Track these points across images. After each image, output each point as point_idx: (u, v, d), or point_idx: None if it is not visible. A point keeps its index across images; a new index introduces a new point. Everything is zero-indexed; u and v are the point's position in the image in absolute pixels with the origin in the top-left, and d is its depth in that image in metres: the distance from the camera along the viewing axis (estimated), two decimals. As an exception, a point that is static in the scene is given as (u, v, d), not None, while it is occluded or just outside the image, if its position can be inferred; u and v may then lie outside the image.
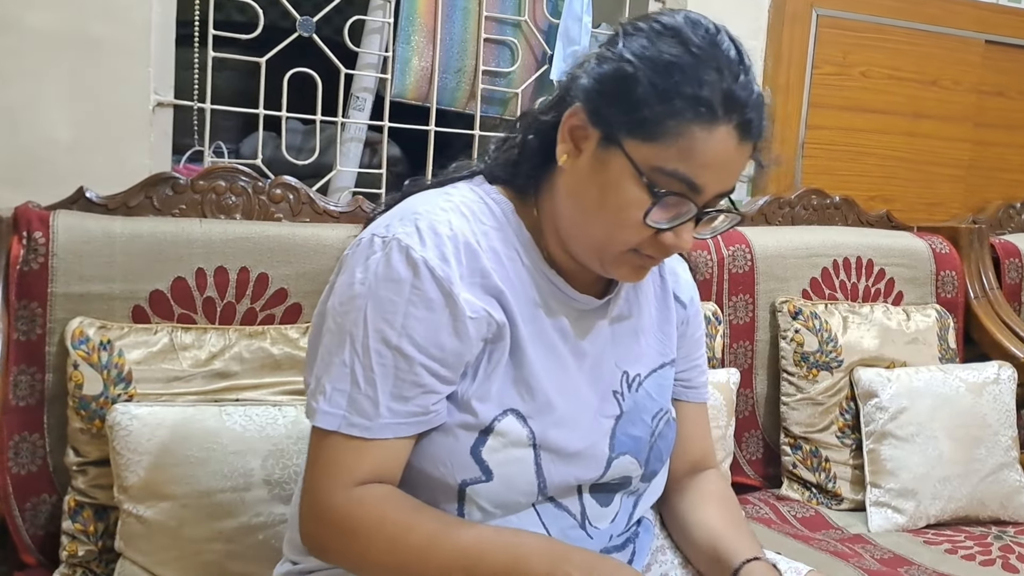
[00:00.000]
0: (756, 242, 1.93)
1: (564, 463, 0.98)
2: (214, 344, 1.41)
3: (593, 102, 0.92)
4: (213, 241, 1.46)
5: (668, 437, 1.09)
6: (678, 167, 0.88)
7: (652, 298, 1.12)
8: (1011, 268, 2.24)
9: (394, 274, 0.90)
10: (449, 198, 0.97)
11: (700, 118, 0.87)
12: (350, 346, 0.90)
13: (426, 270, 0.90)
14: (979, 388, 1.85)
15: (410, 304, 0.90)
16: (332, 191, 1.95)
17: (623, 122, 0.89)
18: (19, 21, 1.55)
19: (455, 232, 0.93)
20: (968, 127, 2.47)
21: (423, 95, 1.97)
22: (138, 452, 1.27)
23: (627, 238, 0.92)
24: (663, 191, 0.89)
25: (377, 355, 0.90)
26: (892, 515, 1.76)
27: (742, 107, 0.88)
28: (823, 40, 2.25)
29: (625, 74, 0.89)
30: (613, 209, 0.91)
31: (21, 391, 1.37)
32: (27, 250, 1.36)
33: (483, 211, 0.98)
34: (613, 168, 0.90)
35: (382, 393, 0.90)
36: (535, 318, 0.98)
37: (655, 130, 0.88)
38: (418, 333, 0.90)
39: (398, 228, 0.92)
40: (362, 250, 0.93)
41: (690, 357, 1.18)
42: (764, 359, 1.93)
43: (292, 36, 1.82)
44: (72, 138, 1.61)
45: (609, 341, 1.05)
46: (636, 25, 0.93)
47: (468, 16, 1.98)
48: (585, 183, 0.93)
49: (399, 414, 0.91)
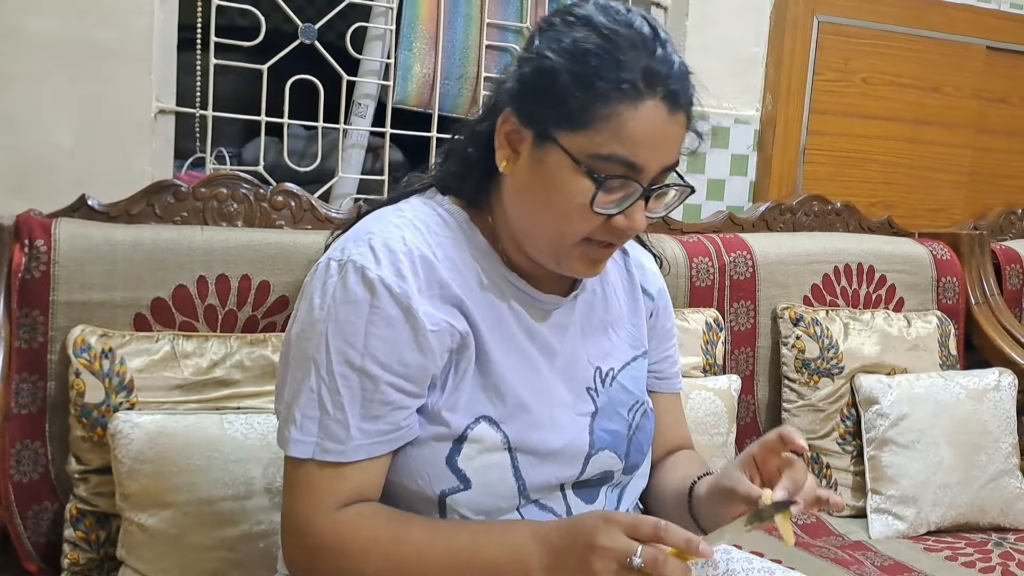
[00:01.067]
0: (757, 249, 1.93)
1: (542, 463, 0.98)
2: (215, 352, 1.41)
3: (521, 103, 0.93)
4: (215, 249, 1.46)
5: (646, 429, 1.10)
6: (613, 150, 0.89)
7: (621, 292, 1.13)
8: (1012, 274, 2.24)
9: (351, 296, 0.91)
10: (402, 214, 0.98)
11: (624, 97, 0.88)
12: (315, 372, 0.91)
13: (383, 288, 0.90)
14: (980, 395, 1.85)
15: (370, 324, 0.90)
16: (334, 197, 1.96)
17: (552, 116, 0.90)
18: (21, 28, 1.55)
19: (409, 247, 0.94)
20: (970, 133, 2.48)
21: (425, 101, 1.97)
22: (140, 460, 1.27)
23: (577, 229, 0.93)
24: (603, 176, 0.89)
25: (342, 378, 0.90)
26: (893, 522, 1.76)
27: (664, 79, 0.89)
28: (824, 46, 2.25)
29: (545, 69, 0.91)
30: (558, 203, 0.92)
31: (23, 399, 1.37)
32: (29, 258, 1.36)
33: (437, 223, 0.99)
34: (551, 163, 0.91)
35: (351, 416, 0.91)
36: (500, 323, 0.99)
37: (583, 117, 0.89)
38: (381, 352, 0.91)
39: (353, 250, 0.93)
40: (319, 275, 0.94)
41: (661, 349, 1.19)
42: (765, 365, 1.93)
43: (294, 43, 1.82)
44: (74, 145, 1.61)
45: (579, 338, 1.06)
46: (549, 21, 0.95)
47: (470, 23, 1.98)
48: (528, 183, 0.94)
49: (370, 434, 0.91)
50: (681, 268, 1.83)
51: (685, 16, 2.11)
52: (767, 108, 2.24)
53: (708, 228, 1.99)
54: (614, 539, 0.83)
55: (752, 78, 2.22)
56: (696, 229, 1.98)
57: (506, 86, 0.97)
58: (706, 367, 1.78)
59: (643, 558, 0.81)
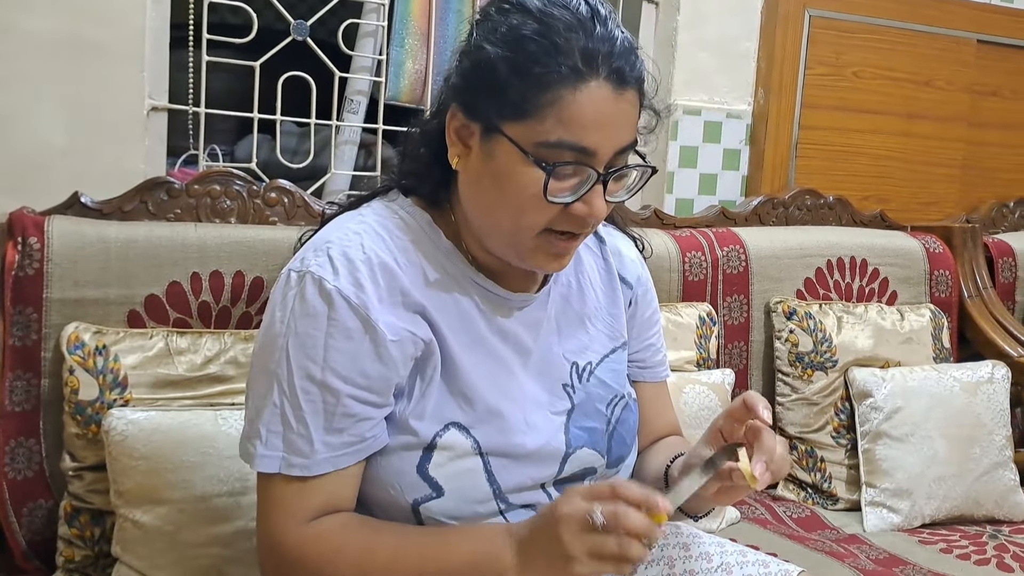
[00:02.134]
0: (750, 243, 1.93)
1: (516, 465, 0.97)
2: (209, 348, 1.41)
3: (465, 98, 0.92)
4: (208, 245, 1.46)
5: (628, 421, 1.08)
6: (561, 136, 0.86)
7: (598, 282, 1.11)
8: (1005, 267, 2.25)
9: (310, 308, 0.90)
10: (362, 219, 0.97)
11: (564, 81, 0.85)
12: (277, 387, 0.91)
13: (341, 300, 0.90)
14: (973, 388, 1.85)
15: (329, 336, 0.90)
16: (327, 194, 1.96)
17: (495, 108, 0.88)
18: (14, 26, 1.55)
19: (368, 255, 0.92)
20: (962, 127, 2.48)
21: (417, 97, 1.97)
22: (134, 457, 1.27)
23: (534, 220, 0.91)
24: (553, 164, 0.87)
25: (304, 392, 0.90)
26: (887, 515, 1.76)
27: (607, 57, 0.86)
28: (816, 40, 2.26)
29: (483, 61, 0.89)
30: (512, 195, 0.90)
31: (17, 396, 1.37)
32: (22, 255, 1.36)
33: (398, 226, 0.97)
34: (500, 156, 0.89)
35: (315, 430, 0.90)
36: (467, 326, 0.97)
37: (526, 106, 0.86)
38: (340, 364, 0.90)
39: (312, 260, 0.92)
40: (280, 288, 0.94)
41: (642, 337, 1.16)
42: (759, 360, 1.94)
43: (287, 40, 1.82)
44: (67, 143, 1.61)
45: (555, 333, 1.04)
46: (484, 12, 0.94)
47: (462, 19, 1.97)
48: (480, 178, 0.92)
49: (335, 447, 0.91)
50: (674, 262, 1.83)
51: (677, 11, 2.11)
52: (759, 103, 2.24)
53: (701, 222, 1.99)
54: (574, 505, 0.83)
55: (744, 73, 2.22)
56: (689, 223, 1.98)
57: (451, 82, 0.95)
58: (700, 361, 1.78)
59: (603, 514, 0.81)
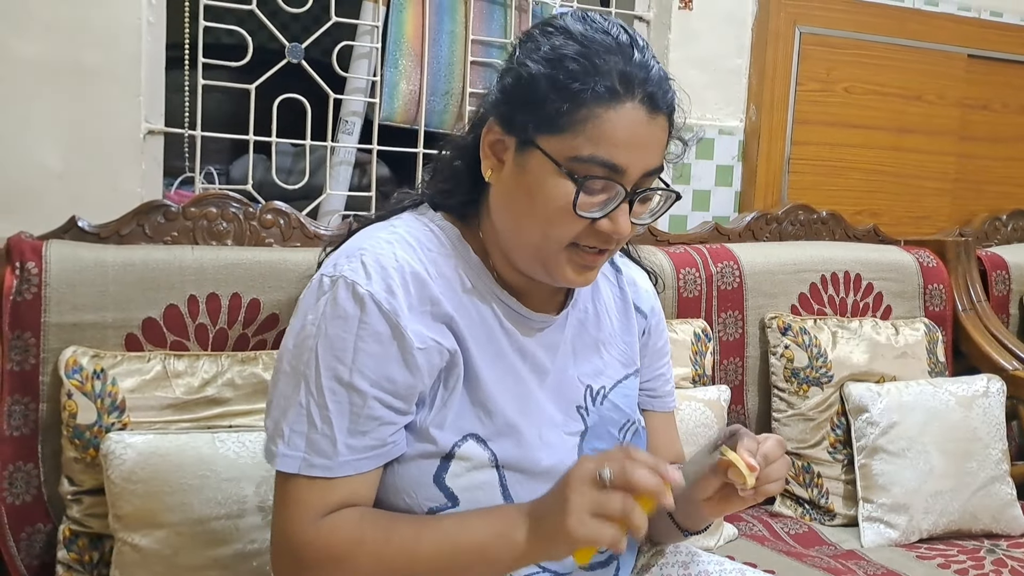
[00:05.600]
0: (744, 258, 1.94)
1: (532, 482, 0.98)
2: (207, 371, 1.41)
3: (503, 112, 0.96)
4: (205, 268, 1.47)
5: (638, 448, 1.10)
6: (593, 152, 0.90)
7: (613, 309, 1.13)
8: (998, 280, 2.26)
9: (341, 311, 0.91)
10: (394, 230, 0.99)
11: (601, 100, 0.90)
12: (304, 387, 0.92)
13: (372, 304, 0.91)
14: (969, 402, 1.86)
15: (359, 339, 0.91)
16: (322, 214, 1.97)
17: (532, 122, 0.92)
18: (9, 51, 1.56)
19: (401, 263, 0.94)
20: (953, 140, 2.50)
21: (411, 118, 1.98)
22: (132, 480, 1.27)
23: (561, 233, 0.94)
24: (584, 177, 0.90)
25: (331, 393, 0.91)
26: (885, 530, 1.77)
27: (642, 82, 0.91)
28: (806, 57, 2.28)
29: (524, 77, 0.93)
30: (542, 207, 0.93)
31: (15, 421, 1.37)
32: (20, 280, 1.36)
33: (429, 239, 0.99)
34: (533, 168, 0.93)
35: (339, 431, 0.91)
36: (491, 340, 0.99)
37: (562, 121, 0.90)
38: (369, 368, 0.91)
39: (344, 266, 0.94)
40: (312, 292, 0.95)
41: (654, 367, 1.19)
42: (755, 375, 1.94)
43: (281, 63, 1.83)
44: (63, 167, 1.61)
45: (570, 356, 1.06)
46: (529, 33, 0.98)
47: (455, 39, 1.99)
48: (512, 191, 0.95)
49: (357, 450, 0.92)
50: (668, 279, 1.84)
51: (668, 29, 2.13)
52: (751, 119, 2.26)
53: (694, 239, 2.01)
54: (584, 466, 0.85)
55: (735, 89, 2.24)
56: (682, 240, 1.99)
57: (489, 98, 0.99)
58: (695, 378, 1.78)
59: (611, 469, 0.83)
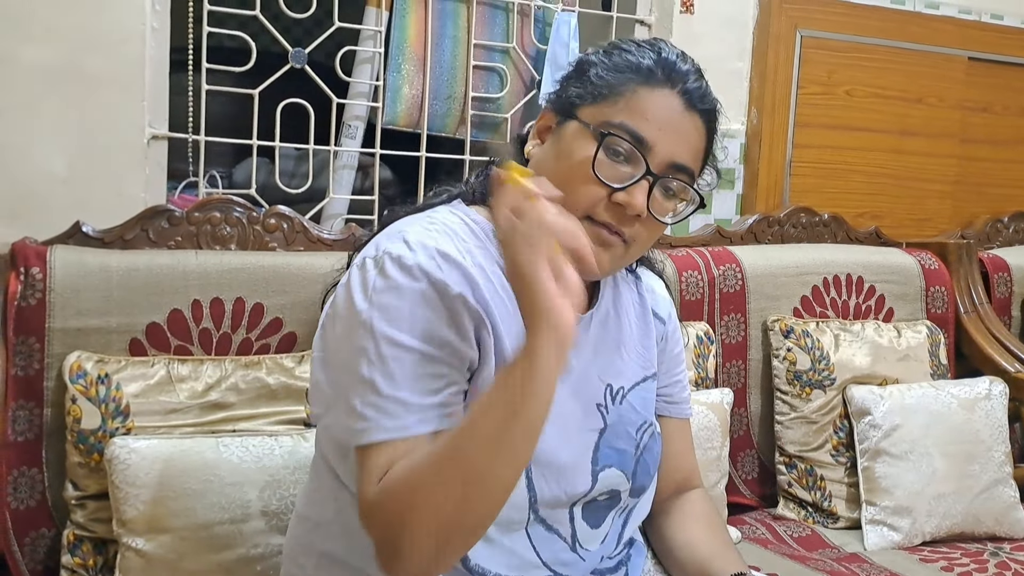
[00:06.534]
0: (746, 261, 1.95)
1: (554, 476, 0.99)
2: (210, 375, 1.42)
3: (557, 95, 1.05)
4: (209, 272, 1.47)
5: (654, 450, 1.11)
6: (624, 120, 0.97)
7: (632, 314, 1.15)
8: (1000, 282, 2.26)
9: (392, 283, 0.92)
10: (432, 219, 1.01)
11: (641, 77, 0.99)
12: (366, 361, 0.91)
13: (421, 272, 0.93)
14: (971, 404, 1.86)
15: (413, 304, 0.92)
16: (325, 218, 1.97)
17: (577, 95, 1.01)
18: (14, 56, 1.57)
19: (442, 247, 0.96)
20: (954, 143, 2.50)
21: (414, 122, 1.99)
22: (136, 485, 1.27)
23: (579, 198, 0.97)
24: (607, 132, 0.97)
25: (394, 360, 0.90)
26: (888, 533, 1.76)
27: (682, 79, 1.00)
28: (807, 60, 2.28)
29: (583, 62, 1.04)
30: (565, 167, 0.98)
31: (20, 426, 1.37)
32: (24, 286, 1.37)
33: (465, 231, 1.01)
34: (567, 135, 1.00)
35: (406, 391, 0.90)
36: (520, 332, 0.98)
37: (602, 92, 0.99)
38: (426, 331, 0.92)
39: (387, 245, 0.95)
40: (355, 277, 0.95)
41: (671, 373, 1.21)
42: (757, 378, 1.94)
43: (285, 68, 1.84)
44: (68, 172, 1.62)
45: (592, 355, 1.07)
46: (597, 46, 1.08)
47: (457, 44, 2.00)
48: (545, 159, 1.03)
49: (426, 408, 0.90)
50: (671, 282, 1.83)
51: (669, 33, 2.14)
52: (752, 122, 2.26)
53: (697, 242, 2.01)
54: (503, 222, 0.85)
55: (737, 93, 2.24)
56: (685, 243, 1.99)
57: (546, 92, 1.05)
58: (698, 381, 1.79)
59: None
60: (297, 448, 1.35)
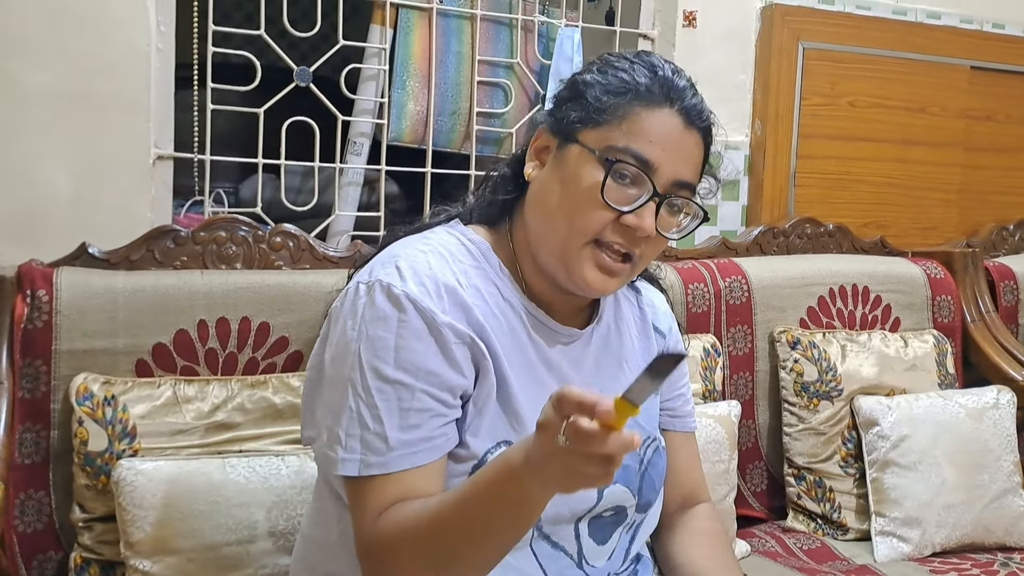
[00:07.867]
0: (752, 273, 1.94)
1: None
2: (217, 395, 1.42)
3: (553, 114, 1.04)
4: (214, 292, 1.47)
5: (659, 465, 1.11)
6: (628, 144, 0.97)
7: (634, 329, 1.15)
8: (1007, 291, 2.25)
9: (380, 312, 0.94)
10: (427, 241, 1.02)
11: (641, 99, 0.98)
12: (352, 391, 0.93)
13: (408, 303, 0.94)
14: (979, 414, 1.85)
15: (399, 337, 0.93)
16: (331, 235, 1.97)
17: (577, 118, 1.00)
18: (20, 78, 1.57)
19: (434, 271, 0.97)
20: (958, 152, 2.50)
21: (419, 138, 1.99)
22: (143, 507, 1.27)
23: (587, 223, 0.97)
24: (615, 160, 0.96)
25: (378, 392, 0.93)
26: (898, 544, 1.75)
27: (680, 97, 0.99)
28: (810, 72, 2.28)
29: (578, 83, 1.03)
30: (572, 193, 0.98)
31: (26, 448, 1.37)
32: (31, 308, 1.37)
33: (461, 251, 1.02)
34: (570, 160, 0.99)
35: (390, 427, 0.92)
36: (520, 350, 1.01)
37: (603, 116, 0.99)
38: (411, 362, 0.93)
39: (380, 271, 0.97)
40: (349, 299, 0.97)
41: (674, 386, 1.21)
42: (765, 389, 1.94)
43: (290, 86, 1.84)
44: (74, 193, 1.62)
45: (594, 370, 1.08)
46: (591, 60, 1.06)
47: (462, 60, 2.01)
48: (548, 183, 1.01)
49: (410, 443, 0.93)
50: (677, 294, 1.84)
51: (672, 47, 2.14)
52: (756, 134, 2.26)
53: (702, 254, 2.01)
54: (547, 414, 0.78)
55: (740, 105, 2.24)
56: (690, 255, 1.99)
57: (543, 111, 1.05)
58: (705, 393, 1.78)
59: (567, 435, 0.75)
60: (304, 468, 1.35)
